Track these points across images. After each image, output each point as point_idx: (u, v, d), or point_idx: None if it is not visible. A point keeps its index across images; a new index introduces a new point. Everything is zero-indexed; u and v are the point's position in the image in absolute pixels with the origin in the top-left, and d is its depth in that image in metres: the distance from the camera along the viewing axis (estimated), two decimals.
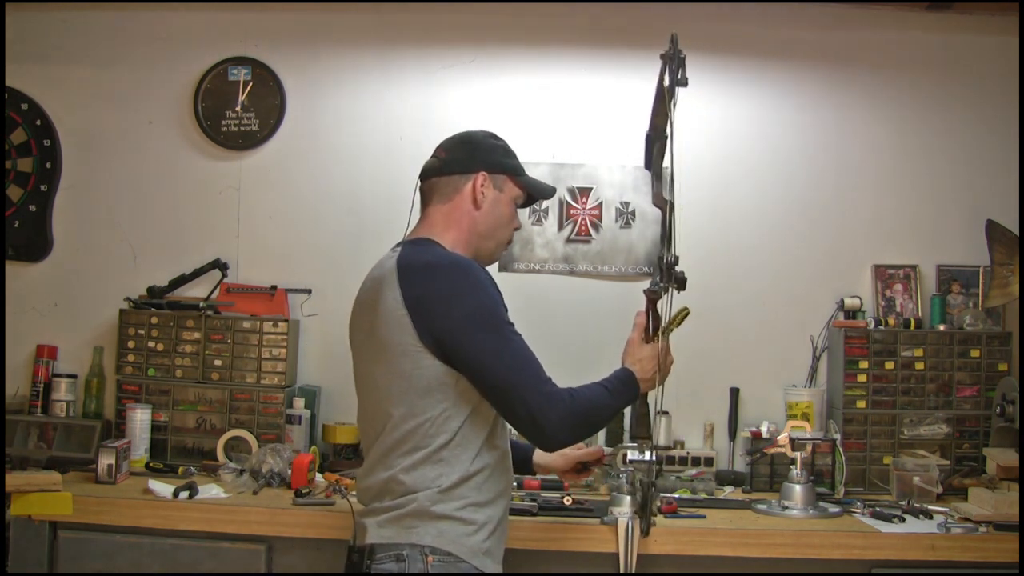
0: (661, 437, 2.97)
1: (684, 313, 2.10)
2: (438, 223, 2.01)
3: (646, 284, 2.17)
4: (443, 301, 1.84)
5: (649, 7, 3.16)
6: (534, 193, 2.12)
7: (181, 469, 2.84)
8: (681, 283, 2.05)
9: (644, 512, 2.32)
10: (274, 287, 3.18)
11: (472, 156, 2.04)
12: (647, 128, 2.15)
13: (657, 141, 2.16)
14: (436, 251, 1.93)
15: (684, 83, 2.00)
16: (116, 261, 3.24)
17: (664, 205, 2.15)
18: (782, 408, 3.10)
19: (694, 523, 2.50)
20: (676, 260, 2.07)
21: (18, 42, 3.24)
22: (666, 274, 2.05)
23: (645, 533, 2.35)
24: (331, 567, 2.41)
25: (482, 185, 2.01)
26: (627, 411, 2.51)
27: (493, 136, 2.11)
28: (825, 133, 3.25)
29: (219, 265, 3.17)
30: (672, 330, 2.11)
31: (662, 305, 2.11)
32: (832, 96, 3.25)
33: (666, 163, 2.06)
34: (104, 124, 3.28)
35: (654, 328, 2.15)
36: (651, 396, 2.22)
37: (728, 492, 2.92)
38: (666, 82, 2.02)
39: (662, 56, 2.04)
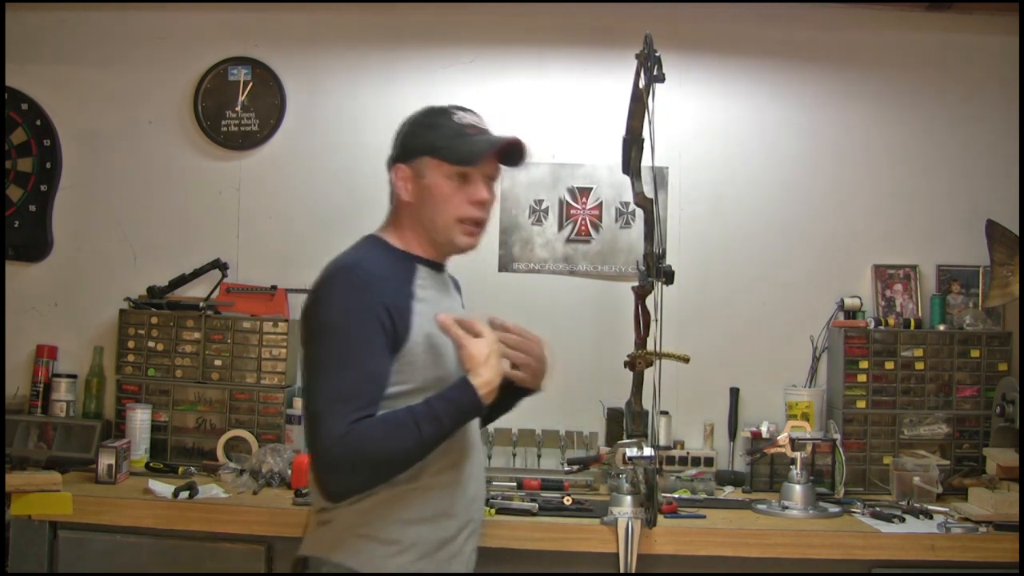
0: (661, 437, 2.97)
1: (683, 358, 2.14)
2: (385, 221, 1.96)
3: None
4: (305, 312, 1.78)
5: (649, 7, 3.15)
6: (454, 160, 1.85)
7: (181, 469, 2.84)
8: (669, 276, 2.06)
9: (650, 502, 2.29)
10: (274, 287, 3.18)
11: (394, 148, 1.94)
12: (624, 132, 2.16)
13: (634, 144, 2.17)
14: (342, 255, 1.84)
15: (661, 79, 2.00)
16: (116, 261, 3.24)
17: (647, 204, 2.17)
18: (782, 408, 3.10)
19: (694, 523, 2.50)
20: (663, 254, 2.09)
21: (18, 42, 3.24)
22: (653, 269, 2.07)
23: (652, 524, 2.32)
24: None
25: (402, 179, 1.90)
26: (625, 412, 2.52)
27: (419, 114, 1.94)
28: (825, 133, 3.25)
29: (219, 265, 3.17)
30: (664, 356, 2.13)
31: (652, 300, 2.12)
32: (832, 96, 3.25)
33: (647, 162, 2.06)
34: (104, 124, 3.28)
35: (645, 329, 2.16)
36: (650, 396, 2.22)
37: (728, 492, 2.92)
38: (642, 83, 2.03)
39: (637, 56, 2.03)
